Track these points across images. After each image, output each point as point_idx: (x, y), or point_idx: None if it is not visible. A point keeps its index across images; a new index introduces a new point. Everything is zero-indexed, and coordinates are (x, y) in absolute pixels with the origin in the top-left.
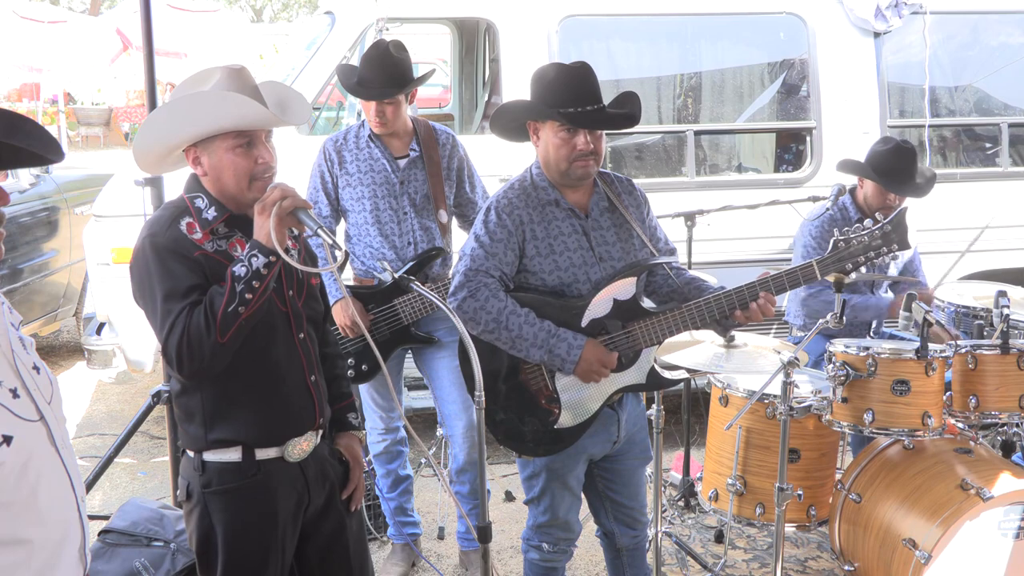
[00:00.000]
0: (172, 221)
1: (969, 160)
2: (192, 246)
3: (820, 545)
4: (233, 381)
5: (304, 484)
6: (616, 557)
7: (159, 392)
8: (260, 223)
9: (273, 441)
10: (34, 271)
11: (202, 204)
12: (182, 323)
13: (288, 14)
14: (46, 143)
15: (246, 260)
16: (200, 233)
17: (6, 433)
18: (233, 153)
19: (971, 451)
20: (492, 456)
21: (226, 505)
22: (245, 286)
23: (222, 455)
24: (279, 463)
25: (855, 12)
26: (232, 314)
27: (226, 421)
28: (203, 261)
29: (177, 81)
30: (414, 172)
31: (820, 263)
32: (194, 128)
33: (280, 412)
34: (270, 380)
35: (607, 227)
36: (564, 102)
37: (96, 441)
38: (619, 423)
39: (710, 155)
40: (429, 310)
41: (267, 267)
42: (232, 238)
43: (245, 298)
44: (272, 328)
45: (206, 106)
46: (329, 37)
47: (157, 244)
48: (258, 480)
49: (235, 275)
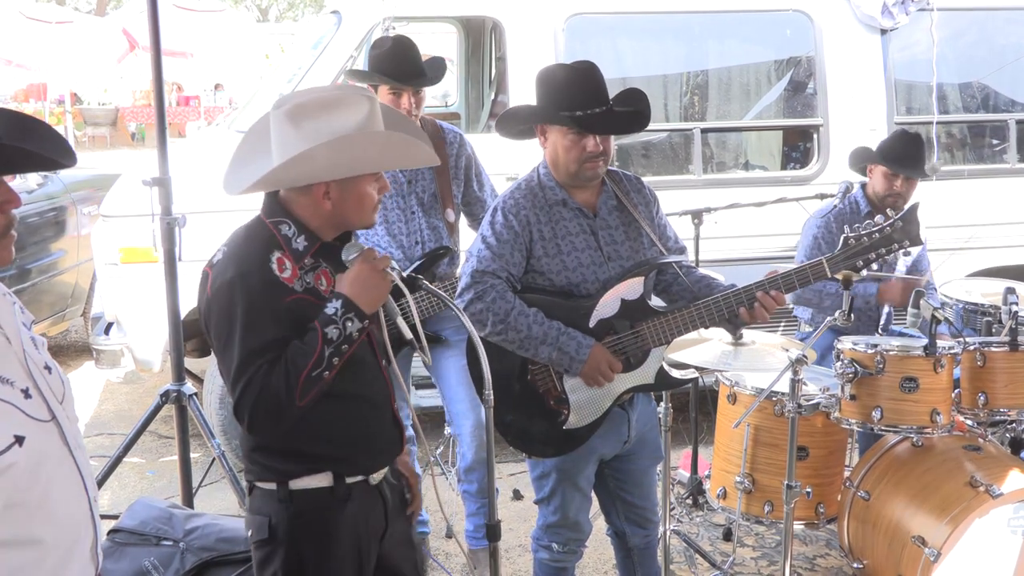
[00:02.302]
0: (263, 258)
1: (977, 157)
2: (284, 290)
3: (829, 543)
4: (322, 416)
5: (384, 508)
6: (627, 557)
7: (167, 392)
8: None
9: (363, 471)
10: (42, 271)
11: (289, 232)
12: (259, 383)
13: (294, 13)
14: (58, 147)
15: (340, 322)
16: (290, 269)
17: (18, 433)
18: (370, 186)
19: (980, 448)
20: (500, 455)
21: (318, 540)
22: (335, 350)
23: (311, 482)
24: (364, 486)
25: (862, 9)
26: (316, 378)
27: (314, 454)
28: (293, 307)
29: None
30: (421, 171)
31: (830, 260)
32: (360, 167)
33: (372, 444)
34: (361, 414)
35: (615, 226)
36: (572, 105)
37: (105, 440)
38: (630, 423)
39: (717, 153)
40: (437, 309)
41: (360, 331)
42: (317, 269)
43: (332, 363)
44: (360, 361)
45: (374, 147)
46: (335, 36)
47: (250, 288)
48: (348, 508)
49: (326, 337)
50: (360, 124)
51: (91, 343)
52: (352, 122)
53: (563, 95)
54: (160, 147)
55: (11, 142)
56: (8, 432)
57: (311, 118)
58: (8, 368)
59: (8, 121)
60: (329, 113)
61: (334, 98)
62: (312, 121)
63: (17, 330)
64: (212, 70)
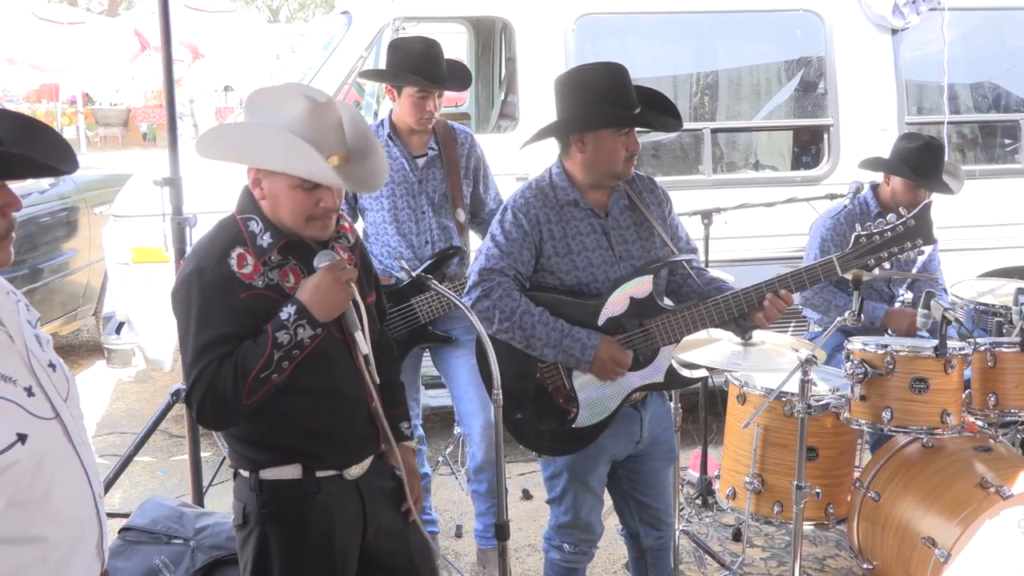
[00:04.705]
0: (222, 254)
1: (988, 157)
2: (240, 286)
3: (838, 543)
4: (293, 410)
5: (361, 503)
6: (640, 558)
7: (178, 391)
8: (332, 291)
9: (333, 466)
10: (54, 271)
11: (256, 228)
12: (209, 376)
13: (304, 14)
14: (61, 153)
15: (292, 328)
16: (251, 265)
17: (21, 431)
18: (294, 191)
19: (991, 449)
20: (509, 454)
21: (285, 529)
22: (284, 355)
23: (281, 472)
24: (337, 481)
25: (872, 9)
26: (264, 380)
27: (286, 447)
28: (250, 303)
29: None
30: (432, 171)
31: (841, 259)
32: (259, 161)
33: (342, 441)
34: (332, 410)
35: (627, 226)
36: (622, 106)
37: (116, 439)
38: (642, 423)
39: (727, 153)
40: (446, 309)
41: (312, 339)
42: (285, 266)
43: (282, 366)
44: (332, 359)
45: (278, 145)
46: (346, 37)
47: (204, 282)
48: (318, 501)
49: (276, 342)
50: (282, 121)
51: (102, 342)
52: (277, 118)
53: (607, 98)
54: (171, 147)
55: (13, 147)
56: (10, 430)
57: (255, 106)
58: (11, 366)
59: (12, 124)
60: (269, 105)
61: (283, 95)
62: (255, 109)
63: (20, 328)
64: (222, 71)
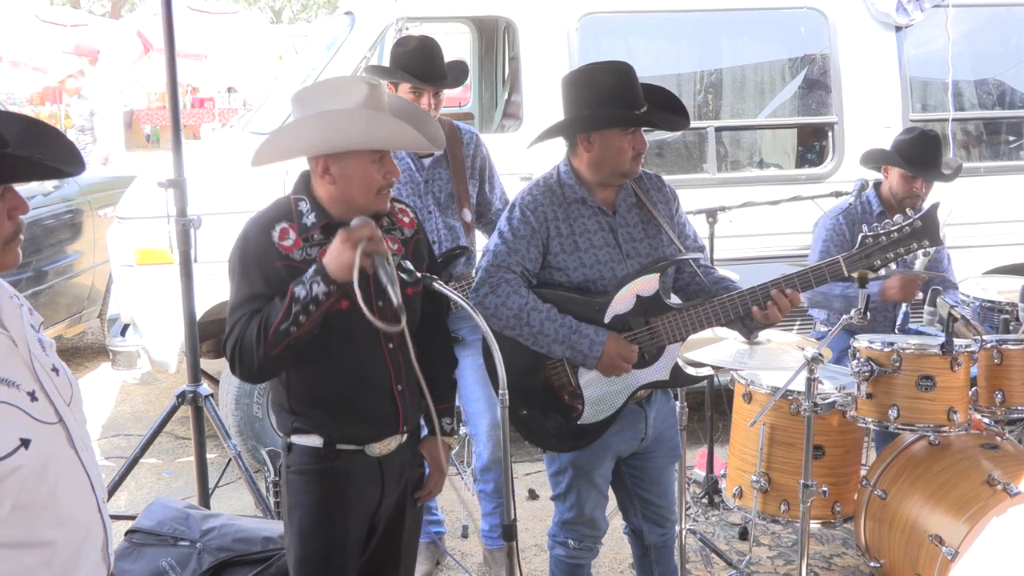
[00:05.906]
0: (268, 225)
1: (993, 154)
2: (277, 255)
3: (845, 542)
4: (319, 383)
5: (380, 478)
6: (644, 555)
7: (184, 393)
8: (340, 250)
9: (352, 442)
10: (58, 273)
11: (304, 208)
12: (239, 329)
13: (307, 15)
14: (65, 154)
15: (308, 284)
16: (292, 239)
17: (24, 436)
18: (368, 167)
19: (997, 447)
20: (515, 454)
21: (303, 487)
22: (301, 308)
23: (305, 439)
24: (359, 455)
25: (876, 6)
26: (284, 332)
27: (310, 417)
28: (284, 273)
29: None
30: (438, 171)
31: (847, 259)
32: (345, 142)
33: (361, 419)
34: (354, 389)
35: (634, 224)
36: (629, 105)
37: (121, 442)
38: (647, 420)
39: (731, 151)
40: (453, 309)
41: (326, 295)
42: (326, 244)
43: (299, 320)
44: (358, 343)
45: (359, 124)
46: (349, 37)
47: (247, 248)
48: (336, 467)
49: (294, 295)
50: (351, 104)
51: (107, 345)
52: (344, 102)
53: (614, 97)
54: (175, 149)
55: (20, 150)
56: (14, 435)
57: (311, 99)
58: (14, 371)
59: (19, 127)
60: (327, 95)
61: (335, 84)
62: (311, 102)
63: (23, 333)
64: (226, 72)
